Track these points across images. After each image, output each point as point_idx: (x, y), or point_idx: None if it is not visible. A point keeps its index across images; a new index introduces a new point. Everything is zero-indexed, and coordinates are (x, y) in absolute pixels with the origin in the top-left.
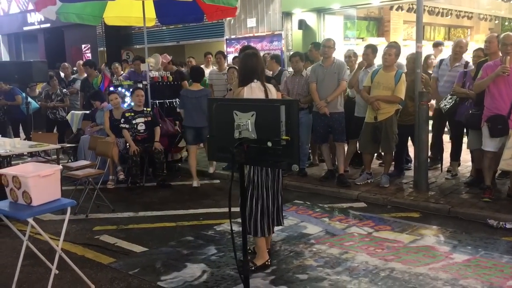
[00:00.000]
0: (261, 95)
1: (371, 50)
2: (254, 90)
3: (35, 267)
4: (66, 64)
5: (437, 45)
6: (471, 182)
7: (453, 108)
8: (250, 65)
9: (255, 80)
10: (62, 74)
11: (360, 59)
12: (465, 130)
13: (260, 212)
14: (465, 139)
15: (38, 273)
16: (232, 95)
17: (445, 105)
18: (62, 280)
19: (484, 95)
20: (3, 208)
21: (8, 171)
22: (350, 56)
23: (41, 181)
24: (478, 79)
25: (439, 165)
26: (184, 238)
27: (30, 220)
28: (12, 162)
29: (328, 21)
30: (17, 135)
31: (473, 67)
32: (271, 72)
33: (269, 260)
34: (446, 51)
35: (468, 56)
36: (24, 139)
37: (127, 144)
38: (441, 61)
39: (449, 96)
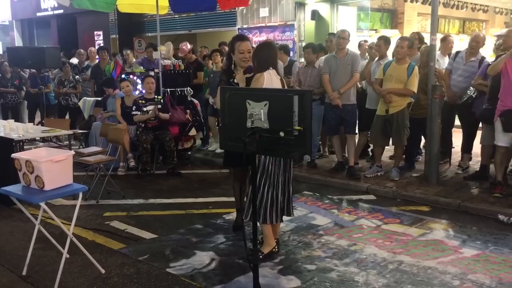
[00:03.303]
0: (278, 82)
1: (383, 41)
2: (272, 77)
3: (46, 251)
4: (81, 50)
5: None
6: (471, 177)
7: (467, 102)
8: (273, 54)
9: (271, 68)
10: (76, 60)
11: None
12: (480, 125)
13: (270, 200)
14: (479, 133)
15: (49, 256)
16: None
17: (465, 97)
18: (72, 264)
19: (498, 89)
20: (16, 192)
21: (22, 155)
22: (372, 48)
23: (54, 166)
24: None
25: (448, 159)
26: (193, 226)
27: (42, 205)
28: (25, 147)
29: (342, 12)
30: (32, 119)
31: (489, 62)
32: (281, 64)
33: (276, 247)
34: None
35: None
36: (38, 123)
37: (138, 131)
38: (457, 53)
39: (472, 90)
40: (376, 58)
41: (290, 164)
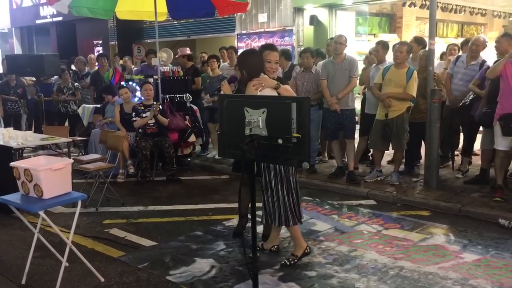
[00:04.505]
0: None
1: (381, 46)
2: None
3: (45, 259)
4: (81, 57)
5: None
6: (472, 181)
7: (467, 103)
8: (259, 60)
9: (262, 74)
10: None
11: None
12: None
13: (292, 200)
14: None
15: (48, 265)
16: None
17: (465, 101)
18: (72, 273)
19: (497, 92)
20: (14, 201)
21: (20, 164)
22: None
23: (53, 175)
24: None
25: (450, 163)
26: (193, 233)
27: (41, 213)
28: (24, 155)
29: (340, 17)
30: (38, 128)
31: (489, 66)
32: (280, 70)
33: (308, 248)
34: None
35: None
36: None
37: (137, 138)
38: (458, 57)
39: (472, 93)
40: (374, 63)
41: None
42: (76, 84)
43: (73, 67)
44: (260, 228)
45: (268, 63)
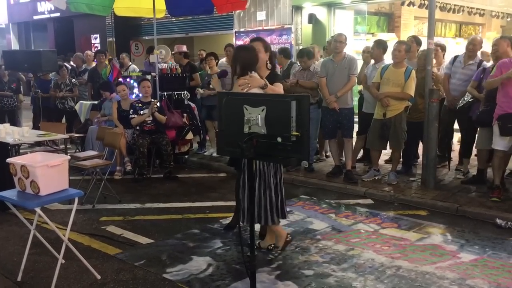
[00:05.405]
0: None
1: (375, 45)
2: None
3: (41, 256)
4: (80, 54)
5: None
6: (469, 181)
7: (466, 106)
8: (252, 57)
9: (253, 72)
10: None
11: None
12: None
13: (269, 201)
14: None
15: (44, 262)
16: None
17: (461, 103)
18: (68, 270)
19: (495, 91)
20: (11, 197)
21: (17, 160)
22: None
23: (49, 171)
24: (491, 76)
25: (447, 163)
26: (190, 231)
27: (38, 210)
28: (21, 151)
29: (338, 16)
30: (36, 124)
31: (487, 65)
32: (279, 68)
33: (289, 235)
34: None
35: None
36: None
37: (135, 135)
38: (455, 57)
39: (470, 96)
40: (371, 62)
41: (280, 165)
42: (73, 80)
43: (70, 63)
44: (257, 227)
45: None
